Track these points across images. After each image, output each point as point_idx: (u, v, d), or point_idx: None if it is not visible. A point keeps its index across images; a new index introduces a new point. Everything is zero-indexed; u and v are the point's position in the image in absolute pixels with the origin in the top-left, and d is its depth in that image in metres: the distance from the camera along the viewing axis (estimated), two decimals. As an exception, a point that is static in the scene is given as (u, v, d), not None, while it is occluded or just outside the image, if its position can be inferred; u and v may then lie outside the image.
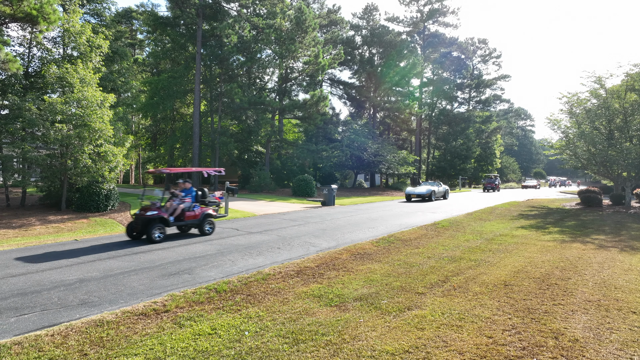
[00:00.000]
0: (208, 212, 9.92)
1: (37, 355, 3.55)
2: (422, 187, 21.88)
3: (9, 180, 14.68)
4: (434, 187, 21.80)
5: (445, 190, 23.03)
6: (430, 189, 21.20)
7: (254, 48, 30.10)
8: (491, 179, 38.85)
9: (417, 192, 21.06)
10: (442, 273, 6.50)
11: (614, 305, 4.97)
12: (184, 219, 9.43)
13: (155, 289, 5.53)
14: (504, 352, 3.67)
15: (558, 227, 12.31)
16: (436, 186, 22.27)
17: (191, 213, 9.55)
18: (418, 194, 20.94)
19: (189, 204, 9.62)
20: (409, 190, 21.96)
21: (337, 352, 3.65)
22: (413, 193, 21.21)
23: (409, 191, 21.68)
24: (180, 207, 9.38)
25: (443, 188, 22.89)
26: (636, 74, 18.45)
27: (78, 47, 16.04)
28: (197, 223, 9.67)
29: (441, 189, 22.56)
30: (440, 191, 22.42)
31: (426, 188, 21.44)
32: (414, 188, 22.17)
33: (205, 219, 9.80)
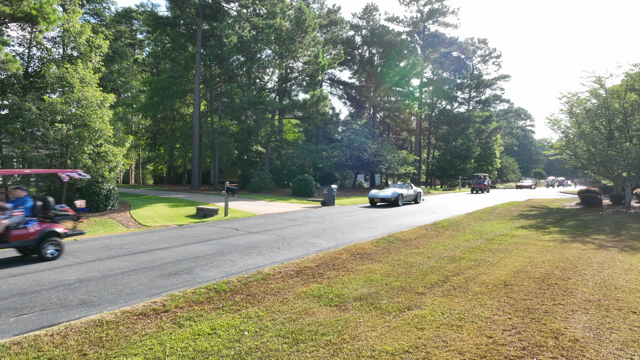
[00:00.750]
0: (51, 229, 7.38)
1: (37, 355, 3.55)
2: (387, 190, 19.03)
3: (9, 180, 14.67)
4: (402, 190, 19.10)
5: (416, 194, 20.21)
6: (396, 192, 18.45)
7: (254, 48, 30.10)
8: (480, 179, 35.37)
9: (382, 196, 18.45)
10: (442, 273, 6.49)
11: (614, 305, 4.96)
12: (8, 240, 6.84)
13: (155, 289, 5.52)
14: (504, 352, 3.66)
15: (558, 227, 12.31)
16: (405, 188, 19.62)
17: (21, 231, 6.99)
18: (383, 198, 18.38)
19: (19, 219, 7.07)
20: (372, 193, 19.17)
21: (337, 352, 3.64)
22: (377, 197, 18.57)
23: (373, 194, 18.94)
24: (2, 223, 6.77)
25: (413, 191, 20.15)
26: (636, 74, 18.44)
27: (78, 47, 16.03)
28: (32, 245, 7.14)
29: (411, 192, 19.80)
30: (410, 194, 19.67)
31: (392, 191, 18.66)
32: (379, 191, 19.38)
33: (46, 239, 7.22)
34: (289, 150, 34.74)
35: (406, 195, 19.13)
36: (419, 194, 20.50)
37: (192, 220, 13.46)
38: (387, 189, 19.27)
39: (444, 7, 46.06)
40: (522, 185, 46.86)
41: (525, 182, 48.01)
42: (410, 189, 19.76)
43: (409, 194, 19.54)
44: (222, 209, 14.95)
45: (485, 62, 55.17)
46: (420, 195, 20.49)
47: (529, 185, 46.66)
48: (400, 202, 18.47)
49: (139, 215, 14.44)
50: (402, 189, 19.12)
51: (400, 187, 19.63)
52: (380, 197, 18.41)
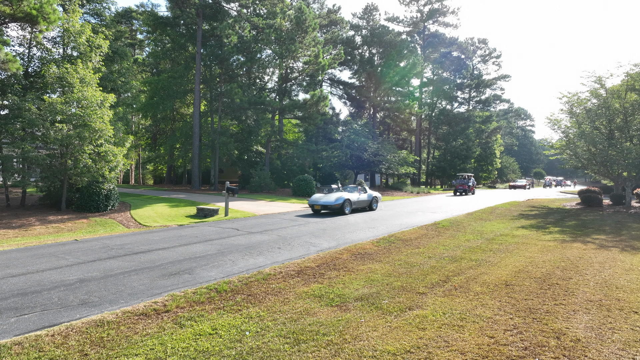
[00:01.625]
0: None
1: (38, 356, 3.54)
2: (332, 195, 15.32)
3: (9, 180, 14.67)
4: (350, 195, 15.51)
5: (370, 199, 16.51)
6: (342, 198, 14.78)
7: (254, 48, 30.11)
8: (463, 179, 31.65)
9: (324, 202, 14.76)
10: (443, 273, 6.48)
11: (615, 305, 4.96)
12: None
13: (156, 289, 5.51)
14: (506, 352, 3.66)
15: (559, 227, 12.30)
16: (356, 193, 16.06)
17: None
18: (325, 205, 14.72)
19: None
20: (314, 198, 15.41)
21: (338, 352, 3.64)
22: (317, 203, 14.89)
23: (314, 200, 15.22)
24: None
25: (367, 195, 16.42)
26: (636, 74, 18.45)
27: (78, 47, 16.03)
28: None
29: (363, 197, 16.10)
30: (361, 200, 15.94)
31: (337, 196, 15.01)
32: (322, 195, 15.59)
33: None
34: (289, 150, 34.74)
35: (355, 201, 15.52)
36: (375, 199, 16.85)
37: (193, 220, 13.45)
38: (333, 194, 15.57)
39: (444, 7, 46.10)
40: (515, 185, 45.15)
41: (519, 182, 46.08)
42: (362, 193, 16.27)
43: (361, 200, 15.93)
44: (222, 209, 14.94)
45: (485, 62, 55.22)
46: (376, 201, 16.97)
47: (522, 185, 44.82)
48: (347, 210, 14.93)
49: (140, 215, 14.44)
50: (350, 194, 15.66)
51: (351, 191, 16.13)
52: (322, 203, 14.77)
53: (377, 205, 17.12)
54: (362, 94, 42.70)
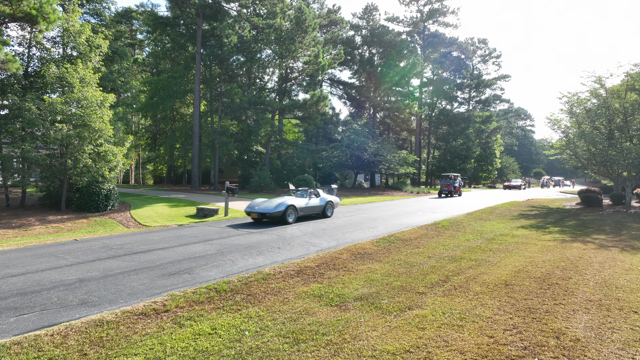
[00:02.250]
0: None
1: (37, 355, 3.54)
2: (273, 201, 12.61)
3: (9, 180, 14.66)
4: (297, 200, 12.74)
5: (324, 204, 13.70)
6: (284, 204, 12.05)
7: (254, 48, 30.10)
8: (449, 180, 28.93)
9: (261, 209, 12.04)
10: (442, 273, 6.48)
11: (615, 305, 4.96)
12: None
13: (155, 289, 5.51)
14: (505, 352, 3.66)
15: (558, 227, 12.30)
16: (305, 198, 13.27)
17: None
18: (262, 212, 11.95)
19: None
20: (252, 204, 12.75)
21: (338, 352, 3.63)
22: (253, 210, 12.19)
23: (250, 207, 12.49)
24: None
25: (320, 200, 13.62)
26: (636, 74, 18.45)
27: (77, 47, 16.03)
28: None
29: (314, 202, 13.31)
30: (311, 206, 13.17)
31: (278, 202, 12.29)
32: (263, 201, 12.85)
33: None
34: (289, 150, 34.74)
35: (303, 207, 12.76)
36: (329, 204, 13.99)
37: (192, 220, 13.45)
38: (275, 199, 12.87)
39: (444, 7, 46.08)
40: (510, 185, 43.78)
41: (514, 182, 44.61)
42: (314, 198, 13.51)
43: (310, 206, 13.13)
44: (222, 209, 14.94)
45: (485, 62, 55.21)
46: (331, 207, 14.13)
47: (517, 185, 43.52)
48: (291, 218, 12.18)
49: (139, 215, 14.44)
50: (297, 199, 12.91)
51: (300, 196, 13.47)
52: (260, 210, 12.00)
53: (332, 211, 14.27)
54: (362, 94, 42.69)
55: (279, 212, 11.92)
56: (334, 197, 14.80)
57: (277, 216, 11.95)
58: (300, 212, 12.75)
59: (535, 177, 75.51)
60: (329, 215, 14.09)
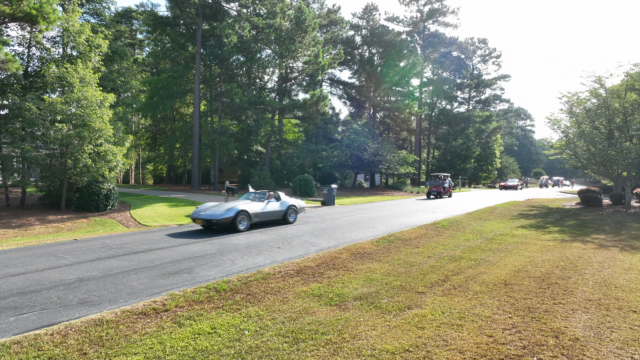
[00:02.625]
0: None
1: (37, 355, 3.54)
2: (222, 206, 11.01)
3: (9, 180, 14.67)
4: (250, 205, 11.12)
5: (285, 209, 12.06)
6: (235, 209, 10.42)
7: (254, 48, 30.11)
8: (438, 180, 27.39)
9: (207, 215, 10.43)
10: (442, 272, 6.49)
11: (614, 305, 4.96)
12: None
13: (155, 289, 5.52)
14: (505, 351, 3.66)
15: (558, 227, 12.31)
16: (262, 202, 11.67)
17: None
18: (208, 218, 10.33)
19: None
20: (198, 209, 11.11)
21: (337, 351, 3.64)
22: (199, 216, 10.54)
23: (196, 213, 10.86)
24: None
25: (280, 205, 12.01)
26: (636, 74, 18.46)
27: (77, 47, 16.03)
28: None
29: (273, 207, 11.73)
30: (269, 211, 11.55)
31: (228, 207, 10.68)
32: (212, 205, 11.29)
33: None
34: (289, 150, 34.75)
35: (258, 212, 11.16)
36: (291, 209, 12.32)
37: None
38: (226, 203, 11.26)
39: (443, 7, 46.09)
40: (506, 185, 42.18)
41: (510, 182, 42.80)
42: (272, 202, 11.89)
43: (267, 211, 11.52)
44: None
45: (485, 62, 55.21)
46: (294, 212, 12.47)
47: (514, 185, 41.78)
48: (243, 225, 10.55)
49: (139, 215, 14.44)
50: (251, 203, 11.34)
51: (256, 199, 11.90)
52: (205, 216, 10.39)
53: (295, 217, 12.51)
54: (362, 93, 42.70)
55: (227, 218, 10.25)
56: (298, 200, 13.06)
57: (225, 223, 10.27)
58: (255, 218, 11.12)
59: (535, 177, 75.46)
60: (291, 221, 12.27)
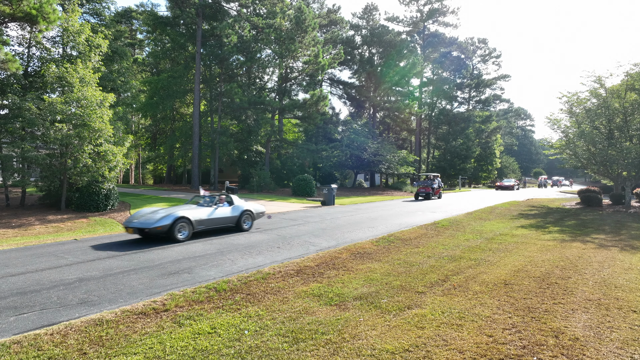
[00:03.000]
0: None
1: (37, 354, 3.54)
2: (160, 212, 9.54)
3: (9, 180, 14.66)
4: (195, 211, 9.62)
5: (239, 214, 10.47)
6: (173, 215, 9.02)
7: (254, 48, 30.09)
8: (426, 181, 25.79)
9: (140, 224, 8.91)
10: (442, 272, 6.49)
11: (614, 304, 4.96)
12: None
13: (155, 288, 5.52)
14: (505, 351, 3.66)
15: (558, 227, 12.31)
16: (209, 206, 10.11)
17: None
18: (140, 227, 8.84)
19: None
20: (130, 218, 9.57)
21: (337, 351, 3.64)
22: (130, 225, 9.04)
23: (128, 220, 9.38)
24: None
25: (232, 210, 10.43)
26: (636, 74, 18.46)
27: (77, 47, 16.01)
28: None
29: (222, 212, 10.16)
30: (217, 217, 10.00)
31: (166, 213, 9.25)
32: (149, 211, 9.73)
33: None
34: (289, 150, 34.73)
35: (203, 219, 9.63)
36: (246, 214, 10.71)
37: (192, 219, 13.43)
38: (165, 209, 9.91)
39: (443, 7, 46.06)
40: (502, 185, 40.48)
41: (506, 182, 41.20)
42: (223, 207, 10.30)
43: (217, 217, 9.96)
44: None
45: (485, 62, 55.18)
46: (250, 217, 10.85)
47: (510, 185, 40.27)
48: (182, 234, 9.06)
49: (139, 214, 14.42)
50: (198, 209, 9.83)
51: (203, 204, 10.33)
52: (136, 225, 8.88)
53: (251, 223, 10.86)
54: (362, 93, 42.68)
55: (162, 226, 8.76)
56: (255, 204, 11.62)
57: (159, 232, 8.79)
58: (200, 225, 9.57)
59: (535, 177, 75.43)
60: (246, 228, 10.68)
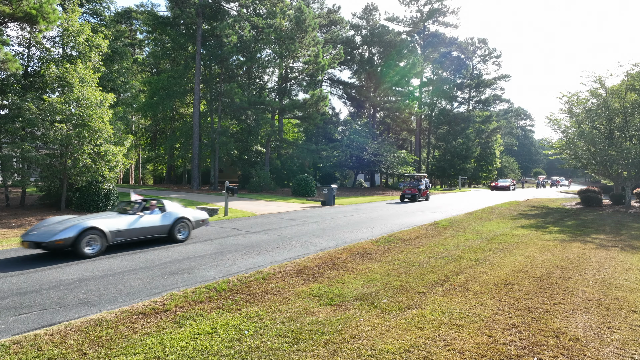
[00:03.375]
0: None
1: (36, 355, 3.54)
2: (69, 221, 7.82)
3: (9, 180, 14.66)
4: (112, 220, 8.04)
5: (172, 222, 8.95)
6: (78, 226, 7.35)
7: (254, 48, 30.09)
8: (413, 182, 23.91)
9: (37, 237, 7.27)
10: (442, 272, 6.48)
11: (614, 305, 4.96)
12: None
13: (155, 289, 5.51)
14: (505, 351, 3.66)
15: (558, 227, 12.30)
16: (132, 214, 8.51)
17: None
18: (37, 240, 7.16)
19: None
20: (29, 230, 7.80)
21: (337, 351, 3.63)
22: (26, 239, 7.34)
23: (26, 233, 7.64)
24: None
25: (162, 218, 8.87)
26: (636, 74, 18.46)
27: (77, 47, 16.00)
28: None
29: (150, 221, 8.61)
30: (142, 227, 8.41)
31: (72, 223, 7.53)
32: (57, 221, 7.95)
33: None
34: (289, 150, 34.73)
35: (122, 230, 8.00)
36: (182, 222, 9.13)
37: (192, 220, 13.43)
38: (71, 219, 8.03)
39: (444, 7, 46.07)
40: (497, 186, 38.09)
41: (502, 183, 38.82)
42: (151, 214, 8.72)
43: (140, 227, 8.35)
44: (222, 209, 14.93)
45: (485, 62, 55.17)
46: (185, 227, 9.21)
47: (506, 186, 37.77)
48: (92, 249, 7.52)
49: (139, 215, 14.41)
50: (117, 217, 8.23)
51: (123, 212, 8.72)
52: (33, 238, 7.28)
53: (187, 233, 9.22)
54: (362, 93, 42.68)
55: (63, 240, 7.14)
56: (195, 211, 9.92)
57: (60, 246, 7.20)
58: (117, 237, 7.91)
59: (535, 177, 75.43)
60: (180, 239, 9.02)
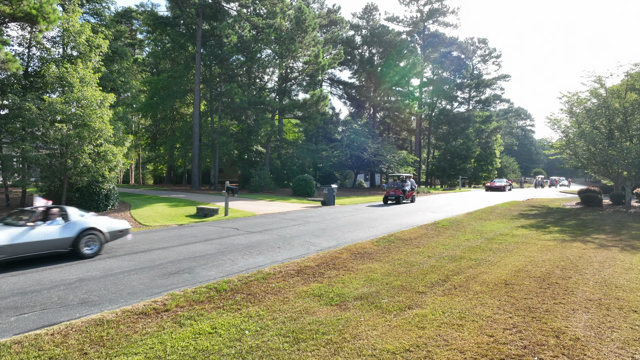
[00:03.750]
0: None
1: (37, 354, 3.54)
2: None
3: (9, 179, 14.67)
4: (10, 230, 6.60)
5: (75, 234, 7.30)
6: None
7: (254, 48, 30.09)
8: (397, 182, 22.01)
9: None
10: (442, 272, 6.48)
11: (614, 304, 4.96)
12: None
13: (156, 288, 5.52)
14: (505, 351, 3.66)
15: (558, 227, 12.30)
16: (22, 226, 6.92)
17: None
18: None
19: None
20: None
21: (338, 351, 3.64)
22: None
23: None
24: None
25: (66, 228, 7.32)
26: (636, 74, 18.45)
27: (77, 47, 16.01)
28: None
29: (48, 232, 7.04)
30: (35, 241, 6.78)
31: None
32: None
33: None
34: (289, 150, 34.74)
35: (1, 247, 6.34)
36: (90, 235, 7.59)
37: (192, 219, 13.45)
38: None
39: (444, 7, 46.07)
40: (493, 186, 36.33)
41: (498, 183, 37.10)
42: (47, 225, 7.24)
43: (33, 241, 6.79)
44: (222, 209, 14.94)
45: (485, 62, 55.15)
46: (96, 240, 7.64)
47: (501, 186, 36.01)
48: None
49: (139, 215, 14.43)
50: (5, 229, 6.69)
51: (13, 222, 7.22)
52: None
53: (98, 247, 7.65)
54: (362, 93, 42.68)
55: None
56: (113, 222, 8.41)
57: None
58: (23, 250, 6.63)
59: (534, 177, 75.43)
60: (88, 254, 7.47)
